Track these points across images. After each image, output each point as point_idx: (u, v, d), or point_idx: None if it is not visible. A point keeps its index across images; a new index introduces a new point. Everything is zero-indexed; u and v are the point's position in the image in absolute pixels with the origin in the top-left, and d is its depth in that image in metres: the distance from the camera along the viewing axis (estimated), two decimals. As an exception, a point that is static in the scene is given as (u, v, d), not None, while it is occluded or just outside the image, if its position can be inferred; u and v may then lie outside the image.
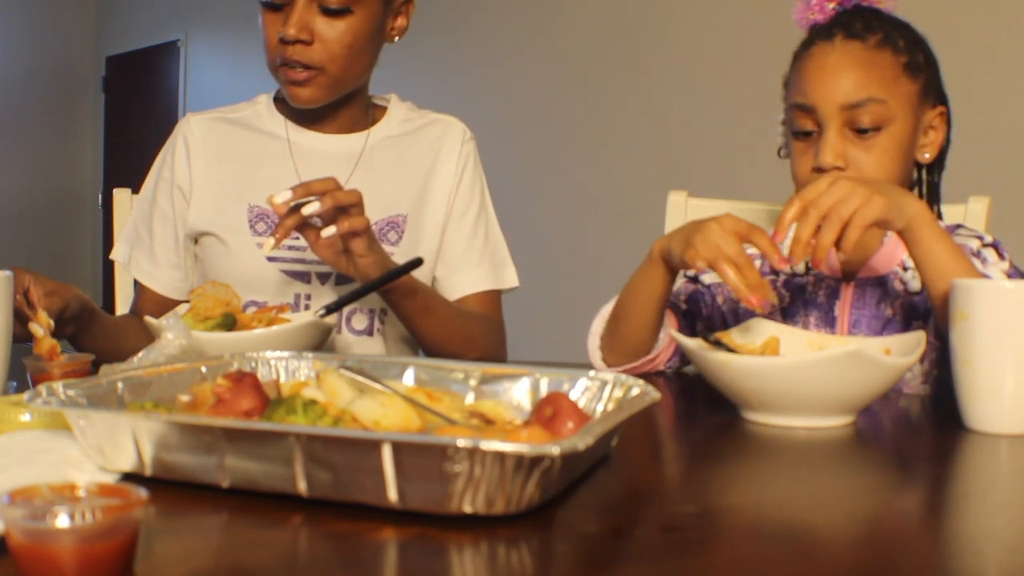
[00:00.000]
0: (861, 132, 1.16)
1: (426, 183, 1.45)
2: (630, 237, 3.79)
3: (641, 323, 1.19)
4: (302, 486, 0.64)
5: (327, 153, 1.42)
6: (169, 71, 6.37)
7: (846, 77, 1.16)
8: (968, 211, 1.41)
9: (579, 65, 4.05)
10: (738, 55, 3.50)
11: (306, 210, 1.16)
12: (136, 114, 6.60)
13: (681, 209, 1.59)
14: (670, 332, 1.05)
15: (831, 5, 1.22)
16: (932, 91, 1.22)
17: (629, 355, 1.22)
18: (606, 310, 1.27)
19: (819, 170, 1.17)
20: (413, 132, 1.48)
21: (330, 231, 1.17)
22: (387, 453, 0.60)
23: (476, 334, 1.40)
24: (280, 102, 1.47)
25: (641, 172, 3.81)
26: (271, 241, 1.17)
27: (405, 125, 1.48)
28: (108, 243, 2.17)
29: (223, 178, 1.42)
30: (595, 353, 1.26)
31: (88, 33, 6.97)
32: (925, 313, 1.20)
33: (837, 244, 1.02)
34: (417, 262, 1.22)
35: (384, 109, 1.49)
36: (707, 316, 1.32)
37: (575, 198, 4.06)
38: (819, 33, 1.21)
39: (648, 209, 2.42)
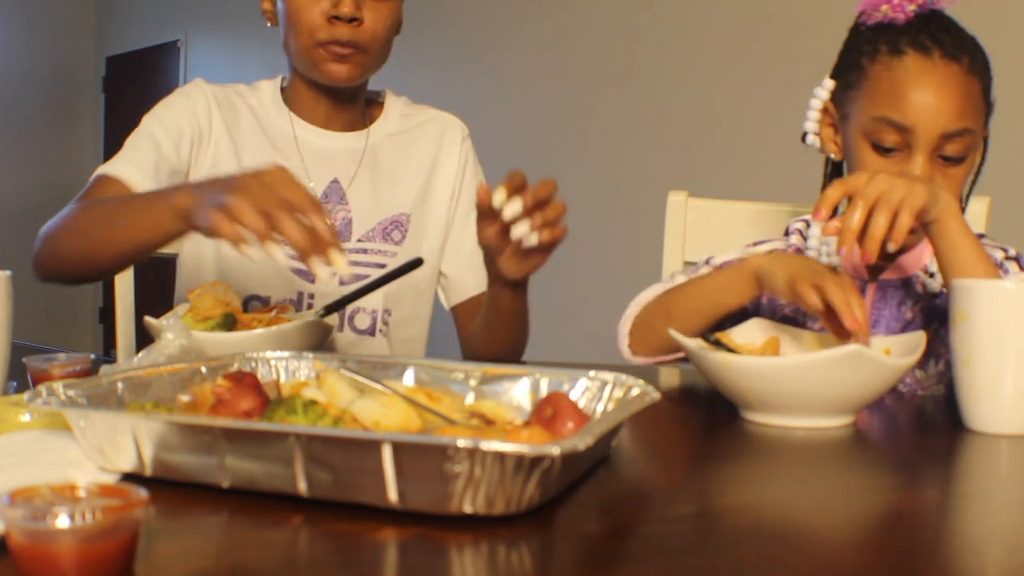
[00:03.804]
0: (945, 159, 1.14)
1: (428, 181, 1.46)
2: (630, 237, 3.80)
3: (695, 324, 1.15)
4: (302, 486, 0.64)
5: (333, 151, 1.42)
6: (169, 71, 6.36)
7: (950, 104, 1.13)
8: (968, 211, 1.41)
9: (579, 64, 4.05)
10: (739, 55, 3.50)
11: (508, 212, 1.06)
12: (136, 114, 6.46)
13: (681, 209, 1.59)
14: (669, 332, 1.05)
15: (912, 7, 1.17)
16: (991, 112, 1.21)
17: (664, 351, 1.21)
18: (644, 297, 1.26)
19: None
20: (412, 129, 1.48)
21: (522, 234, 1.07)
22: (387, 453, 0.60)
23: (526, 335, 1.40)
24: (286, 92, 1.45)
25: (641, 172, 3.81)
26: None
27: (404, 122, 1.48)
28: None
29: (236, 163, 1.39)
30: (623, 339, 1.24)
31: (88, 33, 6.96)
32: (945, 317, 1.19)
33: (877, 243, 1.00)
34: (417, 262, 1.22)
35: (380, 105, 1.49)
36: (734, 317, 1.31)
37: (574, 198, 4.04)
38: (907, 41, 1.16)
39: (648, 209, 2.41)
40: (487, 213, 1.09)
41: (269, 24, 1.41)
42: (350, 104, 1.43)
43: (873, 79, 1.17)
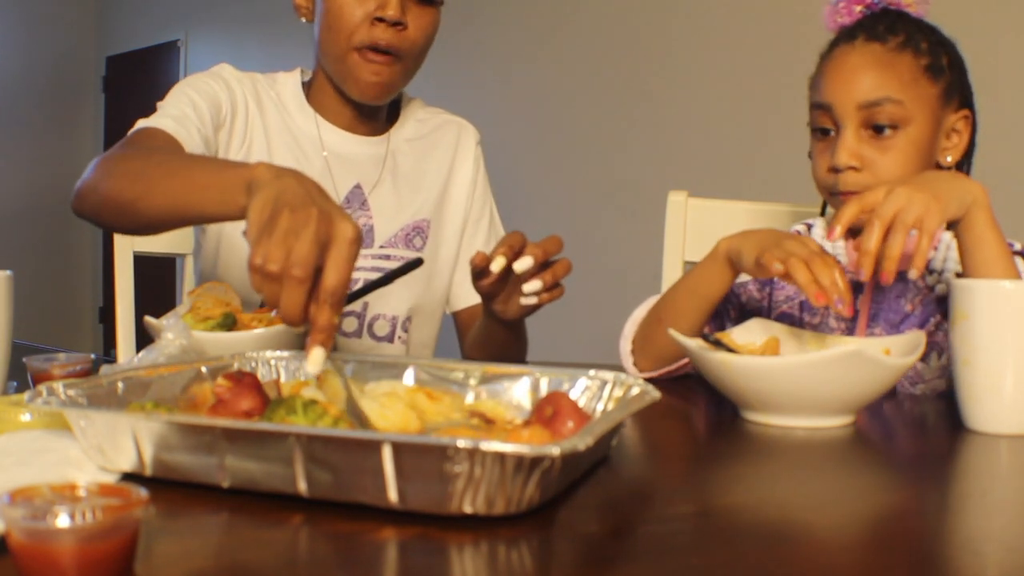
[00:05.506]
0: (878, 132, 1.17)
1: (445, 187, 1.46)
2: (630, 237, 3.80)
3: (688, 325, 1.15)
4: (302, 486, 0.64)
5: (356, 156, 1.41)
6: (169, 71, 6.36)
7: (864, 77, 1.17)
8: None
9: (579, 66, 4.05)
10: (739, 56, 3.50)
11: (519, 267, 1.07)
12: (136, 114, 6.46)
13: (681, 209, 1.59)
14: (669, 331, 1.05)
15: (858, 8, 1.24)
16: (956, 94, 1.22)
17: (666, 360, 1.21)
18: (639, 313, 1.25)
19: (835, 170, 1.18)
20: (429, 135, 1.48)
21: (533, 290, 1.08)
22: (387, 454, 0.60)
23: (523, 353, 1.40)
24: (307, 89, 1.41)
25: (641, 172, 3.81)
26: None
27: (420, 127, 1.48)
28: (108, 243, 2.16)
29: (268, 158, 1.35)
30: (627, 358, 1.24)
31: (88, 33, 6.97)
32: (945, 310, 1.20)
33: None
34: (417, 262, 1.22)
35: (396, 107, 1.48)
36: (735, 319, 1.31)
37: (574, 198, 4.06)
38: (843, 35, 1.22)
39: (648, 209, 2.42)
40: (481, 275, 1.11)
41: (303, 20, 1.36)
42: (376, 110, 1.41)
43: (813, 77, 1.25)
